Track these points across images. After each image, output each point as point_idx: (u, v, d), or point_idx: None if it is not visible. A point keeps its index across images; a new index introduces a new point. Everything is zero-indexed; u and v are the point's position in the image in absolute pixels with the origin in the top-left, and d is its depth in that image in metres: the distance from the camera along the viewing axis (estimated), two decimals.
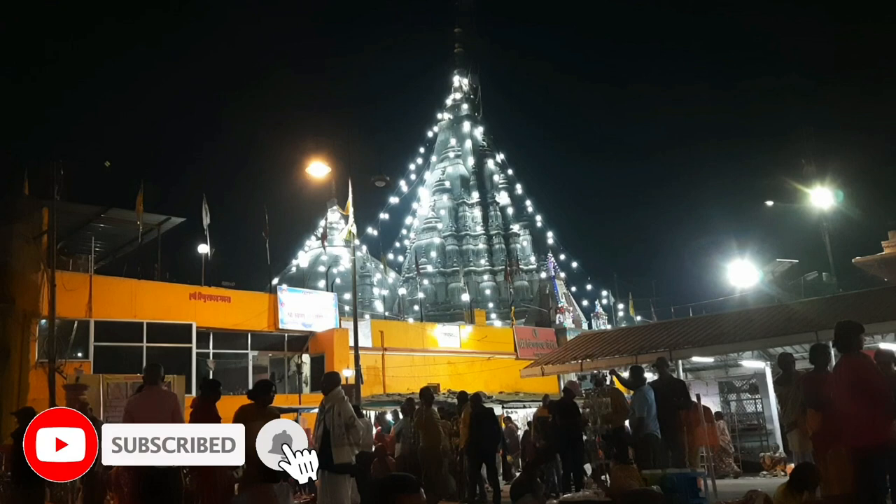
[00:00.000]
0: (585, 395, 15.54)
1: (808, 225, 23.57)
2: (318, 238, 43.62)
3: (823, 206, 21.92)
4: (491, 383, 26.37)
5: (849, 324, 6.28)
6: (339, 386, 8.78)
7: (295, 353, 25.23)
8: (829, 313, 14.04)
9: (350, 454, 8.23)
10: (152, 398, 7.26)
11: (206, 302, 22.26)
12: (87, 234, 20.52)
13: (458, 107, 60.69)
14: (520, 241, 54.96)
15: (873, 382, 5.92)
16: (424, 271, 49.15)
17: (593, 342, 19.82)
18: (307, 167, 20.41)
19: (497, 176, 57.91)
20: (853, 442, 5.87)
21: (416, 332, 29.76)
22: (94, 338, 19.11)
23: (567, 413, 12.15)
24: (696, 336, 16.00)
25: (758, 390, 16.53)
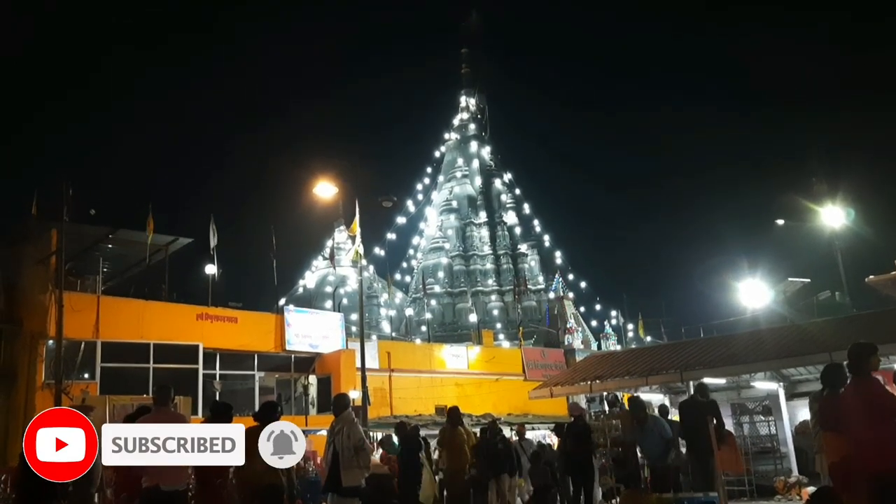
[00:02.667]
0: (595, 418, 15.38)
1: (819, 244, 23.43)
2: (325, 258, 43.64)
3: (835, 224, 21.79)
4: (499, 405, 26.15)
5: (861, 346, 6.15)
6: (349, 408, 8.66)
7: (302, 374, 25.08)
8: (842, 333, 13.83)
9: (360, 477, 8.10)
10: (161, 419, 7.14)
11: (213, 323, 22.21)
12: (96, 256, 20.54)
13: (465, 127, 60.88)
14: (528, 260, 54.81)
15: (885, 406, 5.80)
16: (432, 292, 49.03)
17: (603, 363, 19.61)
18: (314, 187, 20.43)
19: (504, 195, 57.91)
20: (867, 466, 5.73)
21: (424, 353, 29.61)
22: (101, 359, 19.07)
23: (578, 437, 11.99)
24: (708, 357, 15.80)
25: (771, 412, 16.26)
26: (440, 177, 58.78)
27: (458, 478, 10.79)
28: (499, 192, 58.04)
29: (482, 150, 60.25)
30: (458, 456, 10.83)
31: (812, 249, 26.03)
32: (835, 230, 21.87)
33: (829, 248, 22.09)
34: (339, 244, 42.72)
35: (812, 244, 24.84)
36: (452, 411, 11.36)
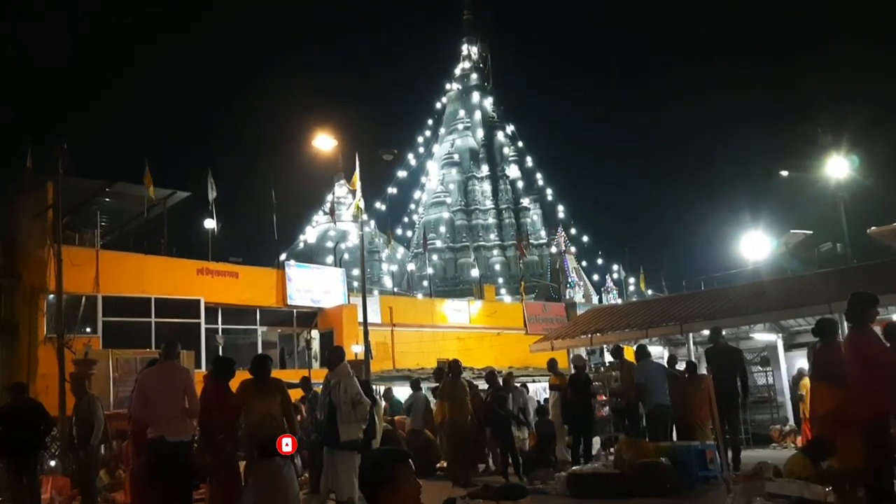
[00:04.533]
0: (595, 370, 15.48)
1: (823, 195, 23.22)
2: (325, 213, 43.50)
3: (839, 175, 21.57)
4: (500, 358, 26.28)
5: (861, 296, 6.22)
6: (344, 361, 8.64)
7: (304, 328, 25.19)
8: (842, 285, 13.79)
9: (357, 431, 8.11)
10: (165, 373, 7.19)
11: (214, 277, 22.22)
12: (93, 209, 20.41)
13: (466, 76, 59.88)
14: (530, 215, 54.62)
15: (876, 356, 5.92)
16: (433, 246, 48.94)
17: (603, 317, 19.66)
18: (313, 140, 20.24)
19: (507, 148, 57.37)
20: (864, 414, 5.86)
21: (426, 308, 29.70)
22: (102, 313, 19.11)
23: (578, 387, 12.07)
24: (708, 309, 15.81)
25: (769, 363, 16.37)
26: (441, 129, 58.14)
27: (460, 427, 10.88)
28: (501, 144, 57.50)
29: (484, 101, 59.40)
30: (460, 407, 10.91)
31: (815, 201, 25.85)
32: (839, 181, 21.67)
33: (833, 199, 21.91)
34: (340, 199, 42.60)
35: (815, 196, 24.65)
36: (454, 364, 11.43)
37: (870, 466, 5.84)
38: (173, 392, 6.92)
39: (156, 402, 6.91)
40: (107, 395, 15.75)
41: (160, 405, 6.91)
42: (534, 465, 10.77)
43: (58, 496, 10.53)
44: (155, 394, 6.94)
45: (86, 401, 9.66)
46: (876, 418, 5.83)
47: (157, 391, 6.96)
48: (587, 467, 9.78)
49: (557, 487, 9.33)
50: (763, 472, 6.44)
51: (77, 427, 9.65)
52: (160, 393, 6.93)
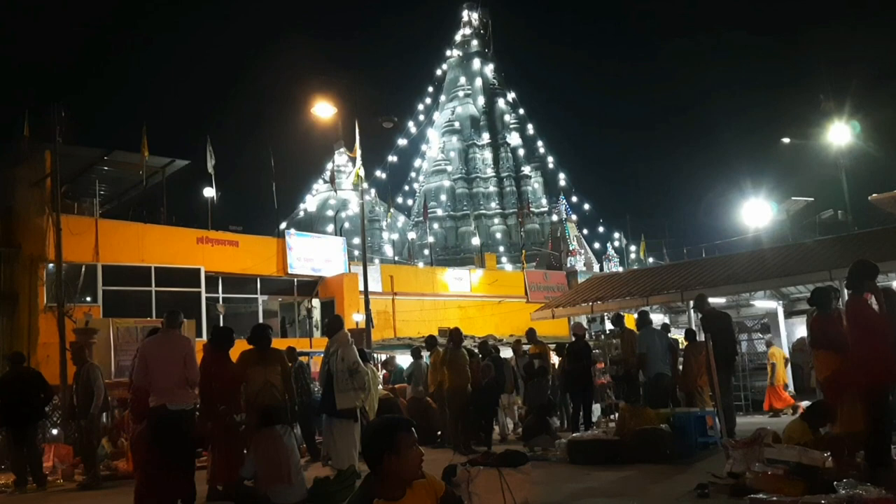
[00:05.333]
0: (596, 338, 15.51)
1: (824, 162, 23.13)
2: (325, 182, 43.33)
3: (840, 142, 21.45)
4: (501, 327, 26.37)
5: (861, 264, 6.25)
6: (342, 329, 8.64)
7: (305, 297, 25.24)
8: (842, 252, 13.78)
9: (354, 399, 8.13)
10: (166, 341, 7.18)
11: (214, 246, 22.17)
12: (92, 178, 20.33)
13: (467, 43, 59.20)
14: (531, 183, 54.37)
15: (869, 324, 5.97)
16: (434, 215, 48.83)
17: (604, 284, 19.68)
18: (313, 108, 20.06)
19: (508, 116, 56.91)
20: (865, 379, 5.90)
21: (427, 277, 29.70)
22: (102, 282, 19.10)
23: (578, 355, 12.10)
24: (709, 277, 15.82)
25: (769, 330, 16.41)
26: (442, 96, 57.66)
27: (460, 394, 10.94)
28: (502, 112, 57.03)
29: (485, 67, 58.79)
30: (460, 374, 10.96)
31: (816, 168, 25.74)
32: (840, 148, 21.56)
33: (834, 166, 21.83)
34: (340, 167, 42.42)
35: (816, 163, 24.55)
36: (455, 332, 11.45)
37: (868, 431, 5.87)
38: (174, 361, 6.90)
39: (156, 370, 6.91)
40: (108, 363, 15.78)
41: (160, 374, 6.91)
42: (534, 432, 10.83)
43: (60, 464, 10.61)
44: (155, 362, 6.93)
45: (86, 369, 9.69)
46: (876, 383, 5.86)
47: (157, 360, 6.95)
48: (587, 434, 9.82)
49: (558, 454, 9.39)
50: (762, 438, 6.45)
51: (78, 396, 9.69)
52: (161, 361, 6.92)
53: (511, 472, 4.55)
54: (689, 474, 7.23)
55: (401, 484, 2.84)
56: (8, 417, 9.65)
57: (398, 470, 2.80)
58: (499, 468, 4.54)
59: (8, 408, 9.55)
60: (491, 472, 4.57)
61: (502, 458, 5.35)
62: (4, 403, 9.54)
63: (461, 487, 4.62)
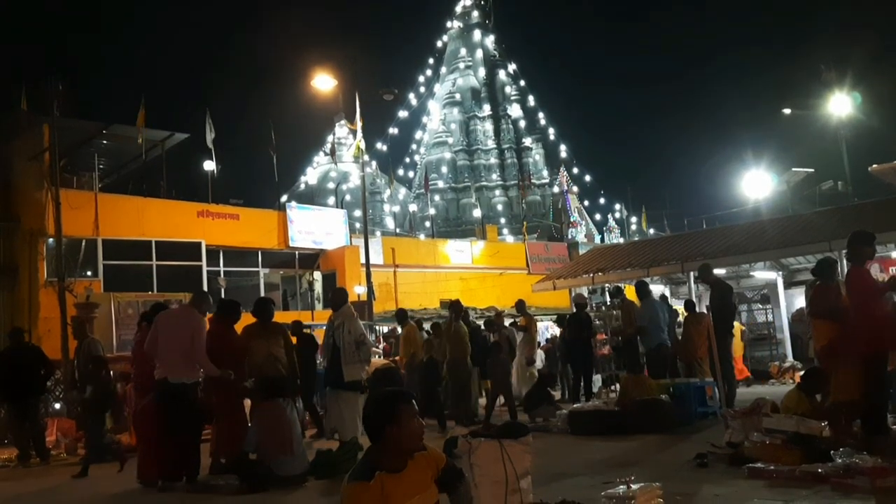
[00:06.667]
0: (597, 309, 15.56)
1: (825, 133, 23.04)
2: (326, 154, 43.16)
3: (841, 113, 21.35)
4: (503, 298, 26.40)
5: (857, 234, 6.34)
6: (347, 302, 8.66)
7: (306, 270, 25.27)
8: (842, 223, 13.76)
9: (360, 371, 8.18)
10: (180, 315, 7.24)
11: (215, 220, 22.14)
12: (91, 152, 20.20)
13: (468, 14, 58.59)
14: (532, 154, 54.16)
15: (867, 294, 6.06)
16: (435, 187, 48.72)
17: (605, 256, 19.69)
18: (313, 80, 19.95)
19: (509, 87, 56.55)
20: (864, 348, 5.95)
21: (428, 249, 29.72)
22: (103, 256, 19.09)
23: (578, 326, 12.14)
24: (709, 248, 15.81)
25: (769, 300, 16.46)
26: (442, 68, 57.24)
27: (461, 366, 10.99)
28: (503, 83, 56.66)
29: (486, 39, 58.31)
30: (460, 346, 11.00)
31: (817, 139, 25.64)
32: (841, 119, 21.46)
33: (835, 137, 21.77)
34: (341, 139, 42.20)
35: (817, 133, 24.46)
36: (455, 305, 11.47)
37: (865, 399, 5.94)
38: (180, 335, 6.93)
39: (163, 342, 6.98)
40: (109, 338, 15.86)
41: (164, 346, 6.97)
42: (535, 402, 10.89)
43: (63, 438, 10.69)
44: (165, 334, 7.01)
45: (86, 344, 9.74)
46: (875, 351, 5.92)
47: (165, 331, 7.02)
48: (588, 405, 9.89)
49: (559, 425, 9.45)
50: (760, 408, 6.51)
51: (79, 370, 9.74)
52: (169, 334, 6.98)
53: (512, 444, 4.58)
54: (689, 444, 7.28)
55: (402, 455, 2.88)
56: (7, 392, 9.70)
57: (400, 441, 2.84)
58: (499, 439, 4.58)
59: (7, 383, 9.59)
60: (492, 443, 4.60)
61: (503, 429, 5.38)
62: (5, 378, 9.57)
63: (462, 459, 4.65)
